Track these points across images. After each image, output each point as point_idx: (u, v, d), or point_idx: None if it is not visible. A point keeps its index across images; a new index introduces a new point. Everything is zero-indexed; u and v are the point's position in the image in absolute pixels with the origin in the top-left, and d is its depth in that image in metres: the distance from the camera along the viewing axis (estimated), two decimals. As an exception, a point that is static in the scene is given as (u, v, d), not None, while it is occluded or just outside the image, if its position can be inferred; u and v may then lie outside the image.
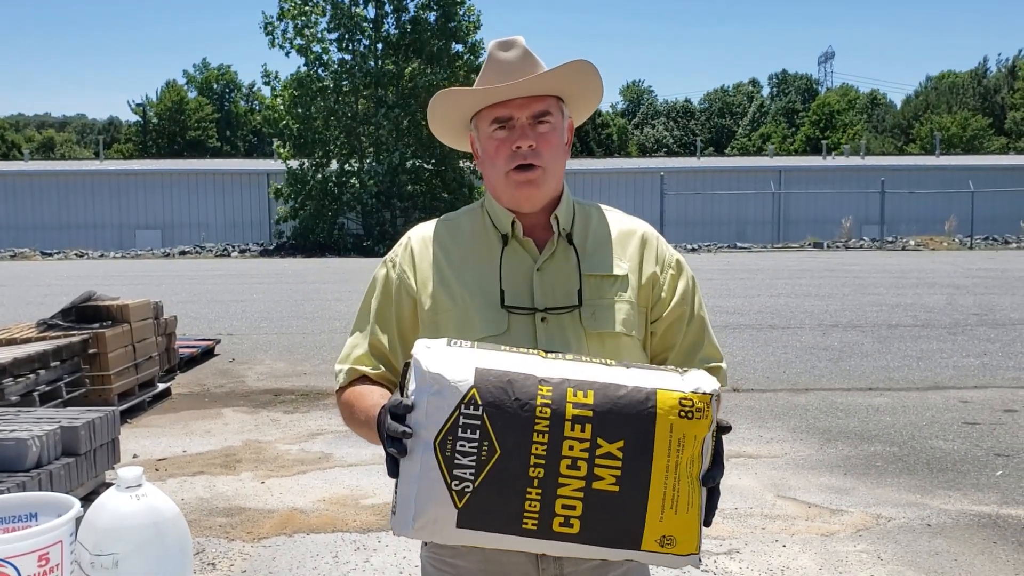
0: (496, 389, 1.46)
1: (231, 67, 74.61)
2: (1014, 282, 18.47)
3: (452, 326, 1.80)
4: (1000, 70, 68.79)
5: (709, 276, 20.01)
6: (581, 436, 1.44)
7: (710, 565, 4.42)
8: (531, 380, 1.47)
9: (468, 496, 1.45)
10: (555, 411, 1.45)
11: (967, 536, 4.80)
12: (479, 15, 33.90)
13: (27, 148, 59.23)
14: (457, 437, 1.44)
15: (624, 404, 1.47)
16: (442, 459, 1.44)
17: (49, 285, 19.42)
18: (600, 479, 1.45)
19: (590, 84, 1.86)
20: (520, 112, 1.78)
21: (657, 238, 1.94)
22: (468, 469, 1.44)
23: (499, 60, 1.79)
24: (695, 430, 1.48)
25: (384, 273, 1.93)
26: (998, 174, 39.38)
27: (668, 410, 1.47)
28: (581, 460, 1.44)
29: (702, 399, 1.48)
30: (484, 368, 1.48)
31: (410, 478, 1.47)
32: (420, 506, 1.46)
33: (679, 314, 1.89)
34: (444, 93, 1.84)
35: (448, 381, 1.46)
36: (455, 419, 1.44)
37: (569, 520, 1.45)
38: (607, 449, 1.45)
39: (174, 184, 38.63)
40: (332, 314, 14.10)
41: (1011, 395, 8.21)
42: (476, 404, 1.45)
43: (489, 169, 1.84)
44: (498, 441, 1.44)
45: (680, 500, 1.47)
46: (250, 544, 4.76)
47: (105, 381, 7.62)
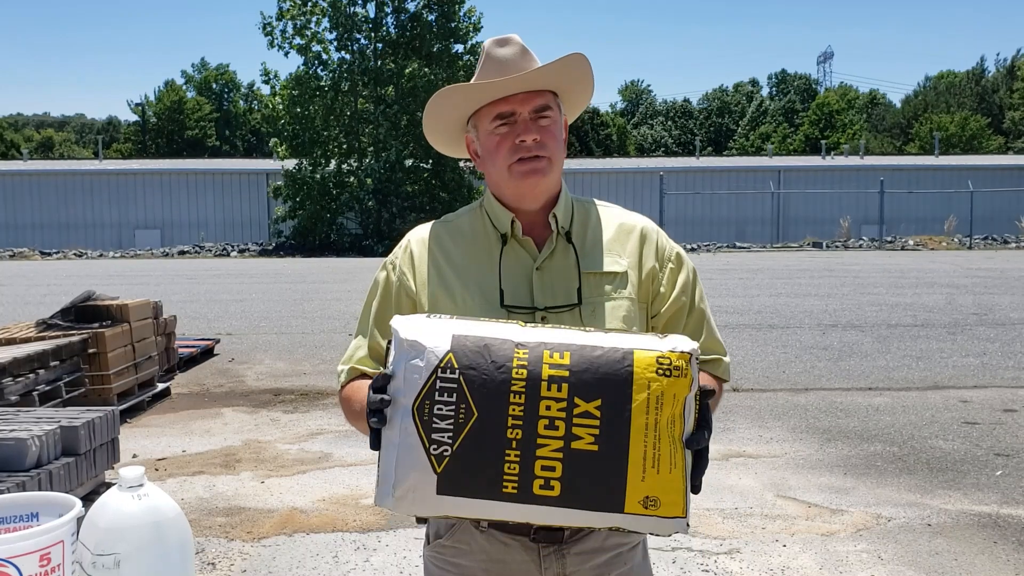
0: (472, 353, 1.46)
1: (229, 66, 74.67)
2: (1013, 282, 18.48)
3: None
4: (999, 70, 68.84)
5: (709, 276, 20.00)
6: (558, 396, 1.44)
7: (710, 565, 4.42)
8: (508, 344, 1.48)
9: (447, 460, 1.44)
10: (531, 372, 1.45)
11: (967, 536, 4.80)
12: (480, 16, 33.92)
13: (26, 148, 59.20)
14: (434, 401, 1.45)
15: (601, 363, 1.46)
16: (420, 424, 1.45)
17: (48, 285, 19.41)
18: (579, 439, 1.44)
19: (584, 78, 1.87)
20: (522, 107, 1.78)
21: (657, 232, 1.94)
22: (446, 432, 1.44)
23: (497, 57, 1.79)
24: (674, 388, 1.47)
25: (384, 276, 1.94)
26: (997, 174, 39.43)
27: (645, 367, 1.46)
28: (559, 420, 1.44)
29: (680, 357, 1.48)
30: (461, 334, 1.49)
31: (390, 447, 1.47)
32: (400, 474, 1.46)
33: (678, 307, 1.89)
34: (446, 90, 1.83)
35: (425, 347, 1.47)
36: (432, 383, 1.45)
37: (549, 482, 1.44)
38: (584, 408, 1.44)
39: (173, 184, 38.64)
40: (332, 314, 14.10)
41: (1011, 395, 8.21)
42: (452, 368, 1.45)
43: (490, 166, 1.84)
44: (475, 403, 1.44)
45: (662, 460, 1.46)
46: (250, 544, 4.75)
47: (105, 381, 7.61)
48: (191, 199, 38.45)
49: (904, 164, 42.07)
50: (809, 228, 35.74)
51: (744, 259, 27.26)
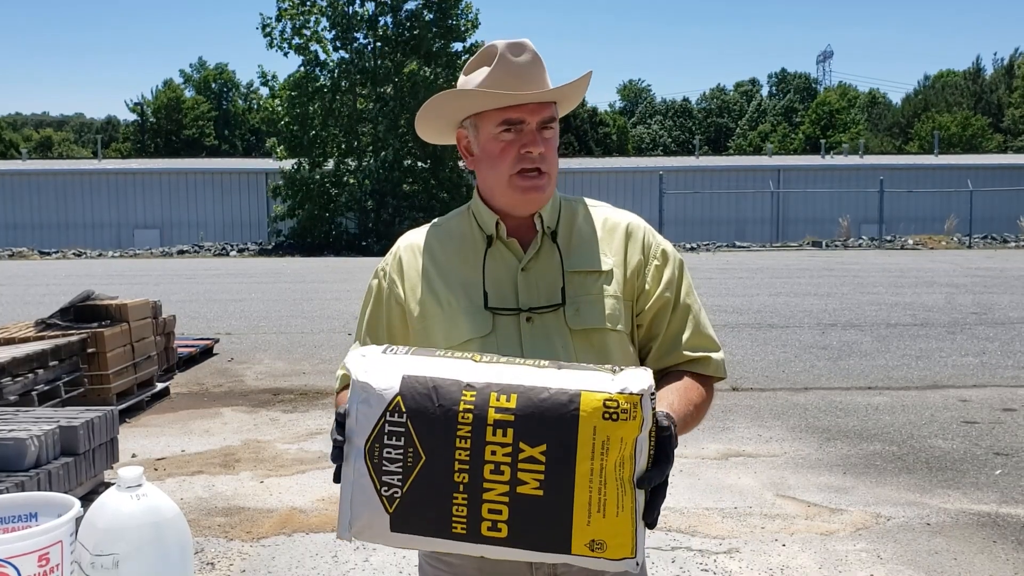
0: (420, 396, 1.48)
1: (228, 66, 74.65)
2: (1013, 281, 18.48)
3: (440, 330, 1.82)
4: (997, 69, 68.81)
5: (708, 275, 20.02)
6: (503, 440, 1.44)
7: (710, 564, 4.42)
8: (457, 385, 1.48)
9: (397, 502, 1.47)
10: (477, 416, 1.45)
11: (966, 535, 4.80)
12: (477, 13, 33.91)
13: (25, 147, 59.18)
14: (384, 444, 1.47)
15: (546, 407, 1.45)
16: (371, 465, 1.48)
17: (47, 284, 19.41)
18: (524, 483, 1.44)
19: (582, 91, 1.88)
20: (532, 117, 1.78)
21: (644, 229, 1.92)
22: (396, 475, 1.47)
23: (511, 63, 1.78)
24: (621, 431, 1.44)
25: (376, 283, 1.96)
26: (997, 173, 39.44)
27: (591, 412, 1.44)
28: (504, 465, 1.44)
29: (629, 399, 1.44)
30: (411, 375, 1.50)
31: (347, 484, 1.51)
32: (356, 511, 1.50)
33: (663, 303, 1.87)
34: (464, 92, 1.81)
35: (374, 389, 1.49)
36: (381, 426, 1.48)
37: (497, 524, 1.45)
38: (529, 453, 1.44)
39: (172, 183, 38.62)
40: (331, 313, 14.10)
41: (1010, 394, 8.22)
42: (400, 411, 1.47)
43: (488, 170, 1.83)
44: (422, 447, 1.46)
45: (608, 504, 1.45)
46: (249, 544, 4.75)
47: (104, 380, 7.61)
48: (190, 199, 38.44)
49: (904, 163, 42.07)
50: (809, 227, 35.75)
51: (744, 258, 27.27)
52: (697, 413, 1.79)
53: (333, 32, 33.18)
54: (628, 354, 1.85)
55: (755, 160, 46.71)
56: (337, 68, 33.22)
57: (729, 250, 31.94)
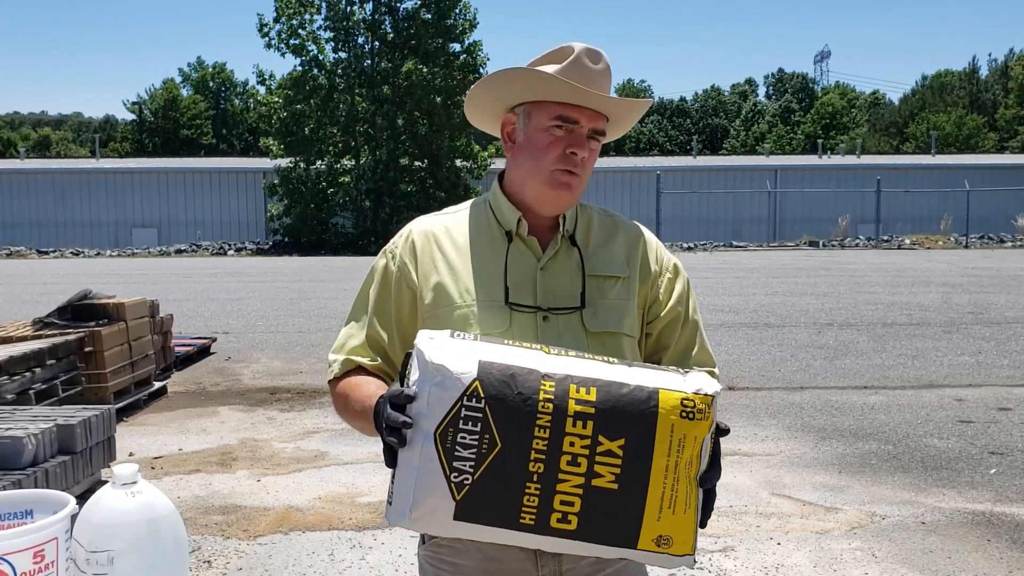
0: (499, 383, 1.45)
1: (226, 65, 74.54)
2: (1009, 280, 18.51)
3: (452, 321, 1.79)
4: (991, 70, 68.78)
5: (705, 275, 20.03)
6: (582, 432, 1.44)
7: (705, 563, 4.43)
8: (534, 375, 1.47)
9: (467, 489, 1.44)
10: (557, 406, 1.44)
11: (961, 534, 4.82)
12: (475, 13, 33.88)
13: (23, 146, 59.20)
14: (458, 429, 1.43)
15: (626, 402, 1.46)
16: (442, 450, 1.44)
17: (45, 283, 19.39)
18: (600, 476, 1.44)
19: (634, 117, 1.91)
20: (587, 122, 1.79)
21: (657, 242, 1.97)
22: (468, 461, 1.43)
23: (587, 67, 1.78)
24: (696, 431, 1.48)
25: (384, 264, 1.91)
26: (993, 173, 39.45)
27: (670, 410, 1.47)
28: (581, 457, 1.44)
29: (703, 400, 1.49)
30: (487, 361, 1.47)
31: (409, 469, 1.46)
32: (418, 497, 1.45)
33: (674, 316, 1.91)
34: (532, 71, 1.79)
35: (451, 372, 1.45)
36: (457, 411, 1.44)
37: (567, 516, 1.45)
38: (608, 447, 1.44)
39: (170, 182, 38.56)
40: (328, 312, 14.09)
41: (1005, 393, 8.23)
42: (479, 396, 1.44)
43: (528, 159, 1.83)
44: (499, 434, 1.43)
45: (678, 501, 1.48)
46: (246, 542, 4.76)
47: (101, 379, 7.61)
48: (188, 198, 38.38)
49: (900, 163, 42.06)
50: (805, 227, 35.75)
51: (740, 258, 27.28)
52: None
53: (330, 33, 33.16)
54: (638, 360, 1.86)
55: (752, 160, 46.68)
56: (334, 68, 33.17)
57: (726, 250, 31.96)
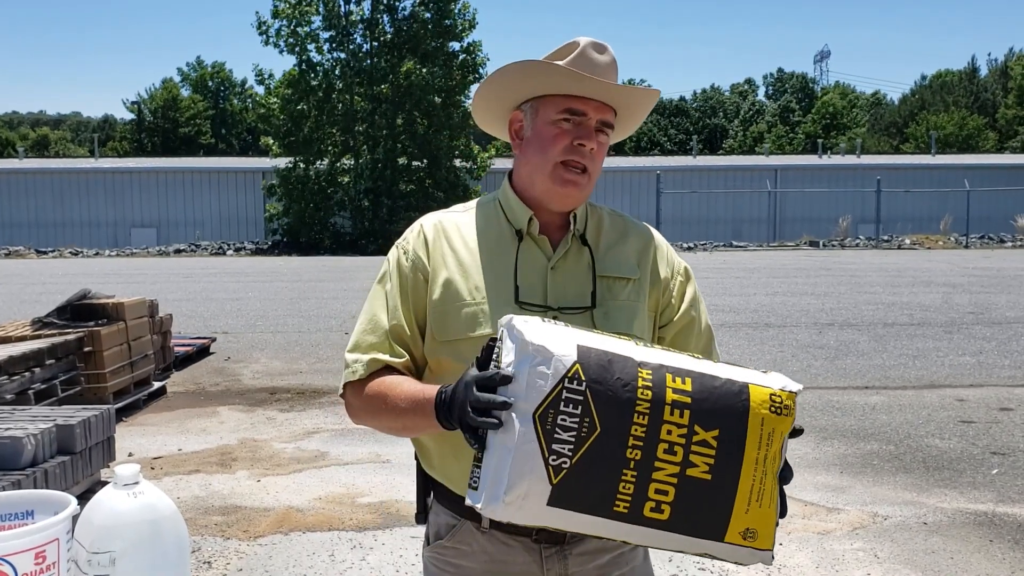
0: (598, 367, 1.44)
1: (225, 64, 74.53)
2: (1009, 280, 18.51)
3: (463, 319, 1.77)
4: (991, 69, 68.75)
5: (705, 275, 20.02)
6: (679, 421, 1.44)
7: (706, 563, 4.41)
8: (631, 362, 1.46)
9: (564, 472, 1.41)
10: (656, 394, 1.44)
11: (963, 534, 4.81)
12: (475, 13, 33.89)
13: (22, 146, 59.20)
14: (559, 411, 1.41)
15: (720, 394, 1.47)
16: (542, 432, 1.41)
17: (44, 283, 19.38)
18: (694, 466, 1.45)
19: (644, 110, 1.88)
20: (595, 114, 1.77)
21: (668, 245, 1.96)
22: (567, 444, 1.41)
23: (592, 59, 1.77)
24: (782, 426, 1.50)
25: (397, 258, 1.87)
26: (993, 173, 39.45)
27: (760, 404, 1.49)
28: (678, 445, 1.44)
29: (789, 397, 1.52)
30: (585, 345, 1.46)
31: (503, 451, 1.43)
32: (513, 480, 1.41)
33: (688, 320, 1.90)
34: (538, 63, 1.78)
35: (553, 353, 1.43)
36: (558, 392, 1.41)
37: (660, 505, 1.44)
38: (703, 437, 1.45)
39: (169, 182, 38.55)
40: (328, 312, 14.08)
41: (1007, 393, 8.23)
42: (579, 379, 1.42)
43: (536, 154, 1.80)
44: (599, 418, 1.42)
45: (765, 494, 1.49)
46: (246, 543, 4.75)
47: (100, 379, 7.59)
48: (187, 197, 38.37)
49: (901, 163, 42.07)
50: (805, 227, 35.75)
51: (740, 258, 27.29)
52: None
53: (328, 33, 33.15)
54: None
55: (752, 160, 46.66)
56: (333, 68, 33.18)
57: (726, 250, 31.97)
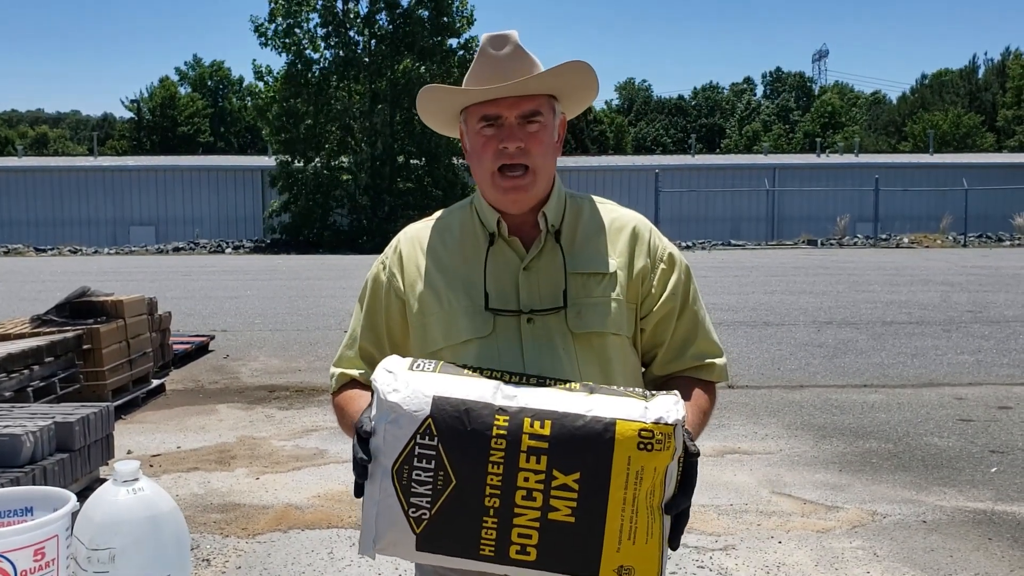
0: (452, 419, 1.45)
1: (224, 63, 74.42)
2: (1007, 279, 18.51)
3: (439, 329, 1.78)
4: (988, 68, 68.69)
5: (704, 273, 20.01)
6: (536, 468, 1.43)
7: (706, 561, 4.42)
8: (489, 409, 1.46)
9: (425, 523, 1.46)
10: (510, 442, 1.44)
11: (962, 533, 4.81)
12: (472, 9, 33.85)
13: (21, 144, 59.16)
14: (413, 466, 1.45)
15: (582, 436, 1.44)
16: (399, 486, 1.46)
17: (43, 281, 19.36)
18: (556, 510, 1.44)
19: (585, 81, 1.80)
20: (509, 111, 1.73)
21: (649, 230, 1.89)
22: (424, 497, 1.45)
23: (490, 57, 1.74)
24: (655, 461, 1.45)
25: (375, 275, 1.91)
26: (991, 172, 39.45)
27: (626, 441, 1.44)
28: (536, 491, 1.44)
29: (663, 430, 1.45)
30: (442, 396, 1.48)
31: (371, 501, 1.50)
32: (380, 529, 1.49)
33: (668, 309, 1.84)
34: (429, 90, 1.79)
35: (404, 410, 1.47)
36: (411, 448, 1.46)
37: (526, 548, 1.45)
38: (563, 481, 1.44)
39: (168, 180, 38.53)
40: (326, 311, 14.08)
41: (1005, 392, 8.23)
42: (432, 434, 1.45)
43: (476, 166, 1.80)
44: (453, 471, 1.45)
45: (638, 531, 1.46)
46: (245, 540, 4.74)
47: (99, 377, 7.59)
48: (186, 195, 38.35)
49: (899, 162, 42.04)
50: (804, 226, 35.76)
51: (739, 257, 27.28)
52: (706, 420, 1.81)
53: (325, 30, 33.13)
54: (630, 358, 1.82)
55: (751, 159, 46.66)
56: (330, 64, 33.14)
57: (725, 248, 31.96)
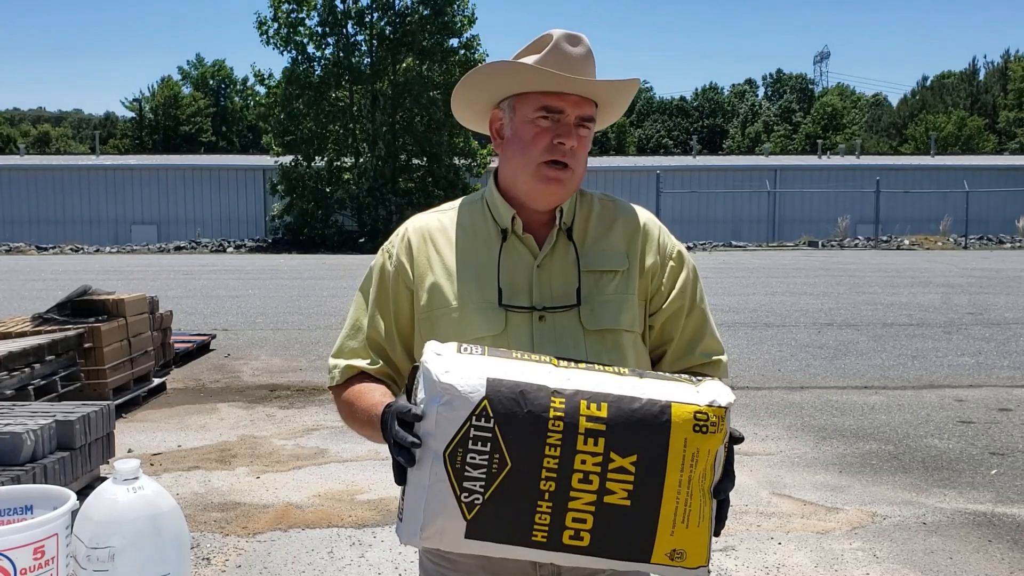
0: (508, 400, 1.42)
1: (226, 62, 74.50)
2: (1008, 281, 18.50)
3: (449, 323, 1.77)
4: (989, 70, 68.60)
5: (705, 274, 19.70)
6: (594, 450, 1.42)
7: (705, 562, 4.41)
8: (544, 391, 1.44)
9: (477, 508, 1.42)
10: (568, 424, 1.42)
11: (962, 534, 4.81)
12: (473, 9, 33.83)
13: (23, 143, 59.17)
14: (468, 449, 1.41)
15: (638, 418, 1.44)
16: (452, 471, 1.42)
17: (45, 279, 19.37)
18: (612, 493, 1.43)
19: (626, 102, 1.85)
20: (573, 109, 1.74)
21: (659, 228, 1.92)
22: (478, 482, 1.41)
23: (565, 52, 1.74)
24: (709, 444, 1.45)
25: (381, 264, 1.89)
26: (993, 174, 39.43)
27: (682, 424, 1.44)
28: (593, 474, 1.42)
29: (717, 412, 1.46)
30: (496, 378, 1.44)
31: (418, 488, 1.44)
32: (428, 516, 1.44)
33: (678, 307, 1.86)
34: (512, 64, 1.76)
35: (459, 392, 1.43)
36: (466, 431, 1.41)
37: (579, 533, 1.44)
38: (620, 463, 1.42)
39: (170, 179, 38.55)
40: (328, 310, 14.08)
41: (1006, 394, 8.23)
42: (488, 416, 1.42)
43: (518, 154, 1.77)
44: (509, 454, 1.41)
45: (692, 514, 1.46)
46: (245, 539, 4.75)
47: (100, 375, 7.59)
48: (188, 195, 38.37)
49: (900, 164, 42.04)
50: (805, 227, 35.76)
51: (740, 258, 27.28)
52: None
53: (323, 29, 33.13)
54: (642, 355, 1.83)
55: (752, 160, 46.64)
56: (330, 63, 33.16)
57: (726, 249, 31.95)
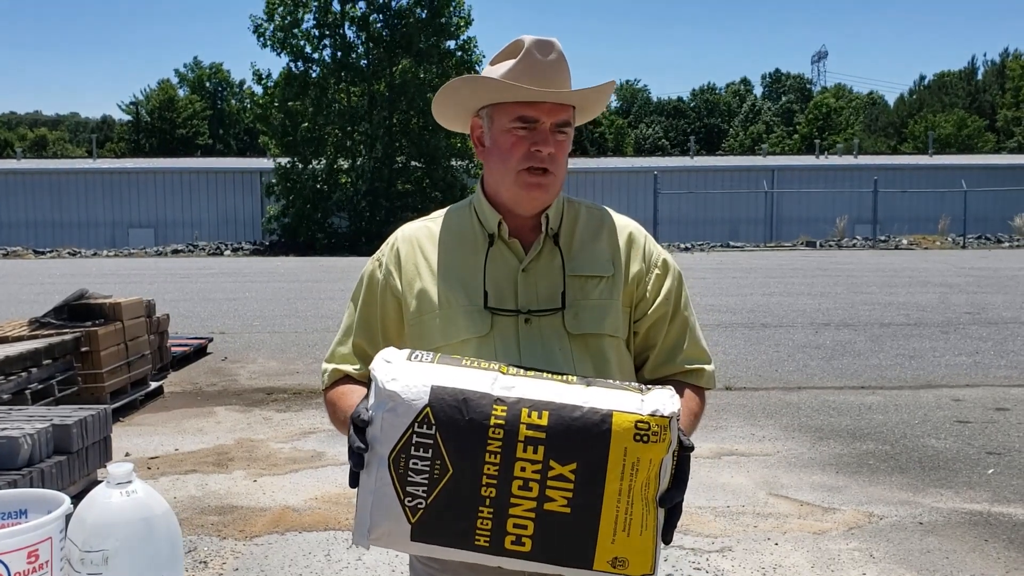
0: (450, 408, 1.46)
1: (223, 65, 74.46)
2: (1006, 281, 18.52)
3: (436, 327, 1.80)
4: (987, 69, 68.69)
5: (702, 275, 20.03)
6: (533, 458, 1.45)
7: (702, 563, 4.42)
8: (487, 399, 1.47)
9: (421, 512, 1.47)
10: (508, 431, 1.45)
11: (959, 534, 4.81)
12: (469, 11, 33.84)
13: (20, 146, 59.12)
14: (410, 455, 1.46)
15: (579, 427, 1.46)
16: (395, 475, 1.47)
17: (42, 283, 19.35)
18: (552, 500, 1.45)
19: (604, 101, 1.87)
20: (548, 117, 1.76)
21: (645, 236, 1.93)
22: (421, 487, 1.46)
23: (536, 61, 1.76)
24: (650, 453, 1.46)
25: (370, 273, 1.93)
26: (991, 173, 39.46)
27: (623, 433, 1.46)
28: (533, 481, 1.45)
29: (659, 422, 1.47)
30: (440, 386, 1.49)
31: (366, 491, 1.50)
32: (375, 519, 1.49)
33: (661, 314, 1.88)
34: (481, 79, 1.79)
35: (403, 399, 1.48)
36: (408, 437, 1.47)
37: (521, 539, 1.46)
38: (559, 471, 1.45)
39: (167, 182, 38.55)
40: (324, 313, 14.08)
41: (1003, 393, 8.24)
42: (430, 423, 1.46)
43: (497, 163, 1.81)
44: (450, 460, 1.46)
45: (633, 523, 1.47)
46: (242, 542, 4.75)
47: (97, 379, 7.59)
48: (185, 198, 38.36)
49: (898, 163, 42.05)
50: (802, 227, 35.77)
51: (737, 258, 27.29)
52: (696, 423, 1.83)
53: (320, 31, 33.14)
54: (625, 360, 1.85)
55: (749, 160, 46.68)
56: (328, 66, 33.17)
57: (723, 250, 31.95)
